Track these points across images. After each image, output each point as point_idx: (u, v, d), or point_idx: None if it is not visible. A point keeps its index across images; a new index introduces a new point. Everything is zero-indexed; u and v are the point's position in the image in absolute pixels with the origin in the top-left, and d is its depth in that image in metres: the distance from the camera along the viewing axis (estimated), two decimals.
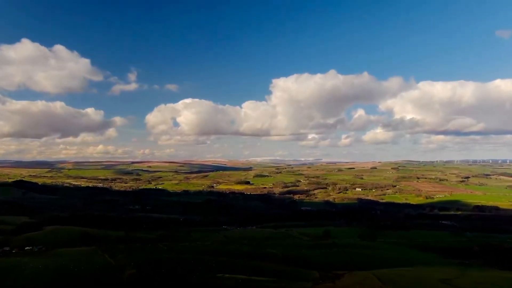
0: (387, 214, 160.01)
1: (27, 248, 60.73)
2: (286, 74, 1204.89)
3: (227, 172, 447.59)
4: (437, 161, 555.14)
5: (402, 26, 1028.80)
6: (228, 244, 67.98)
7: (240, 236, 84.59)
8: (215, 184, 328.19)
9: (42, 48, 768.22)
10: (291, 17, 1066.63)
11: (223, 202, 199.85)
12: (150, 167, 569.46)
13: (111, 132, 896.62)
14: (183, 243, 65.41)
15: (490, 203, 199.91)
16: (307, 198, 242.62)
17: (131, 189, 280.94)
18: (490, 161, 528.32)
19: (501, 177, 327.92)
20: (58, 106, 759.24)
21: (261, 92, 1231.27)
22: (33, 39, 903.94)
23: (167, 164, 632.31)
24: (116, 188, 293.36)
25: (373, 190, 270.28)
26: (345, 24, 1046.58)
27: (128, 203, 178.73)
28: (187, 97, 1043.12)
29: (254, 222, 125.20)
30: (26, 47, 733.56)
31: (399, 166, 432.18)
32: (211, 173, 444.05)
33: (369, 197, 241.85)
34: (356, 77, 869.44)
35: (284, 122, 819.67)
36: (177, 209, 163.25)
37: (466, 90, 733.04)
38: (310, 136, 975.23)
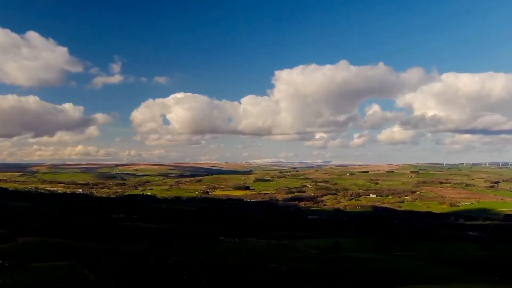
0: (405, 224, 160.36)
1: None
2: (291, 65, 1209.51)
3: (224, 176, 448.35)
4: (462, 163, 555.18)
5: (423, 10, 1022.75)
6: (224, 257, 68.06)
7: (239, 248, 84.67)
8: (210, 190, 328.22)
9: (13, 35, 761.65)
10: (296, 1, 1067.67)
11: (219, 210, 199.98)
12: (136, 170, 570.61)
13: (92, 130, 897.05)
14: (174, 257, 65.50)
15: None
16: (315, 205, 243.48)
17: (115, 196, 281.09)
18: None
19: None
20: (32, 101, 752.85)
21: (263, 86, 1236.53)
22: (3, 25, 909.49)
23: (156, 167, 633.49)
24: (98, 195, 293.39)
25: (390, 197, 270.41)
26: (357, 8, 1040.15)
27: (112, 211, 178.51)
28: (178, 91, 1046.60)
29: (255, 233, 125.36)
30: None
31: (420, 170, 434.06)
32: (206, 177, 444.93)
33: (385, 205, 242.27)
34: (371, 68, 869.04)
35: (288, 120, 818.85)
36: (167, 218, 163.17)
37: (496, 83, 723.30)
38: (318, 135, 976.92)
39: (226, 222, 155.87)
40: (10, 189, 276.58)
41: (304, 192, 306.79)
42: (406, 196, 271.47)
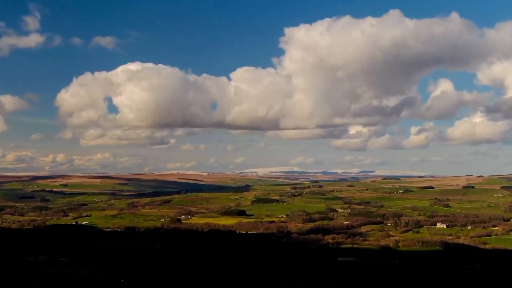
0: (495, 271, 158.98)
1: None
2: (311, 18, 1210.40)
3: (206, 195, 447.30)
4: None
5: None
6: None
7: None
8: (183, 216, 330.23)
9: None
10: None
11: (195, 251, 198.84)
12: (66, 186, 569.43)
13: None
14: None
15: None
16: (349, 240, 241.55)
17: (32, 227, 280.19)
18: None
19: None
20: None
21: (265, 52, 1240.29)
22: None
23: (97, 180, 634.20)
24: (5, 225, 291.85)
25: (469, 228, 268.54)
26: None
27: (28, 251, 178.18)
28: (132, 60, 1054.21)
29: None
30: None
31: None
32: (176, 196, 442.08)
33: (462, 240, 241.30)
34: (439, 22, 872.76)
35: (306, 105, 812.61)
36: (114, 260, 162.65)
37: None
38: (353, 130, 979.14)
39: (206, 270, 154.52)
40: None
41: (332, 219, 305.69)
42: (494, 226, 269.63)
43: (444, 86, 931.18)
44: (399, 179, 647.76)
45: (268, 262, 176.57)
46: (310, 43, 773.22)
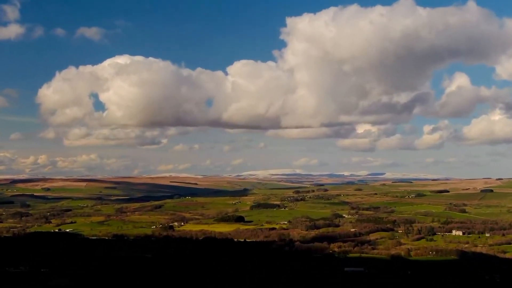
0: None
1: None
2: (315, 7, 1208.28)
3: (201, 200, 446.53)
4: None
5: None
6: None
7: None
8: (176, 223, 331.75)
9: None
10: None
11: (189, 260, 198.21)
12: (49, 190, 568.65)
13: None
14: None
15: None
16: (357, 249, 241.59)
17: (11, 235, 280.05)
18: None
19: None
20: None
21: (266, 44, 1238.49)
22: None
23: (82, 184, 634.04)
24: None
25: (487, 235, 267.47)
26: None
27: (7, 261, 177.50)
28: (121, 52, 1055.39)
29: None
30: None
31: None
32: (168, 201, 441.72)
33: (479, 249, 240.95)
34: (454, 11, 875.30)
35: (310, 102, 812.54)
36: (99, 272, 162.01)
37: None
38: (361, 129, 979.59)
39: (201, 280, 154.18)
40: None
41: (338, 226, 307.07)
42: None
43: (460, 81, 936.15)
44: (411, 182, 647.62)
45: (269, 272, 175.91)
46: (314, 34, 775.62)
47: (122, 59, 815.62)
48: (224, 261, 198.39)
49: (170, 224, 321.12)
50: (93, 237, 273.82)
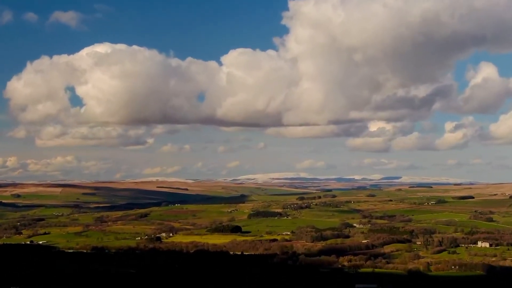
0: None
1: None
2: None
3: (192, 207, 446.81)
4: None
5: None
6: None
7: None
8: (164, 234, 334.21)
9: None
10: None
11: (179, 276, 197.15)
12: (19, 197, 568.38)
13: None
14: None
15: None
16: (369, 263, 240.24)
17: None
18: None
19: None
20: None
21: (265, 30, 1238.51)
22: None
23: (57, 190, 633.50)
24: None
25: None
26: None
27: None
28: (101, 40, 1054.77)
29: None
30: None
31: None
32: (155, 208, 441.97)
33: (509, 263, 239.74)
34: None
35: (315, 96, 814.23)
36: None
37: None
38: (374, 127, 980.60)
39: None
40: None
41: (348, 237, 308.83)
42: None
43: (487, 72, 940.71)
44: (431, 187, 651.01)
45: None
46: (321, 19, 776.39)
47: (102, 48, 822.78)
48: (218, 278, 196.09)
49: (157, 235, 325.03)
50: (69, 250, 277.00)
